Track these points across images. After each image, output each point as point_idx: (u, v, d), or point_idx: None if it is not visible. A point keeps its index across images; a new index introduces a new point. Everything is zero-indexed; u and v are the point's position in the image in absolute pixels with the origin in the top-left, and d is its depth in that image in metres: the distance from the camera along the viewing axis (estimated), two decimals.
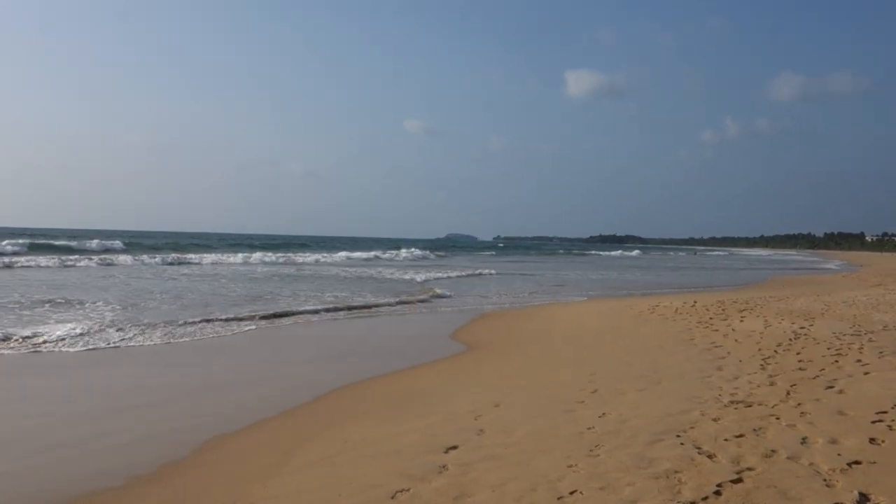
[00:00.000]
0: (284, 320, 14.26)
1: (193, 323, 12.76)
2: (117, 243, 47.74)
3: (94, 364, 9.28)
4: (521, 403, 6.97)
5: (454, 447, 5.38)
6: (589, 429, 5.86)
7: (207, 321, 13.04)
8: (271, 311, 15.15)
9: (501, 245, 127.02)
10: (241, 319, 13.69)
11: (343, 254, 52.11)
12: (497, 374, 9.11)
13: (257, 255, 43.56)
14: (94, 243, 44.71)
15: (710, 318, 14.27)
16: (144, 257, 36.59)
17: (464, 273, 33.62)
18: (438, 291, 22.11)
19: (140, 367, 9.36)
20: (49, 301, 15.04)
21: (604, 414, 6.40)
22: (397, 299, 19.39)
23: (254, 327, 12.98)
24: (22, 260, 30.15)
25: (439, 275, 31.59)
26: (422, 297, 20.55)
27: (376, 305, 17.97)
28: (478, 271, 35.76)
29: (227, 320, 13.43)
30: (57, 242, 45.02)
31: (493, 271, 36.53)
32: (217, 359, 10.20)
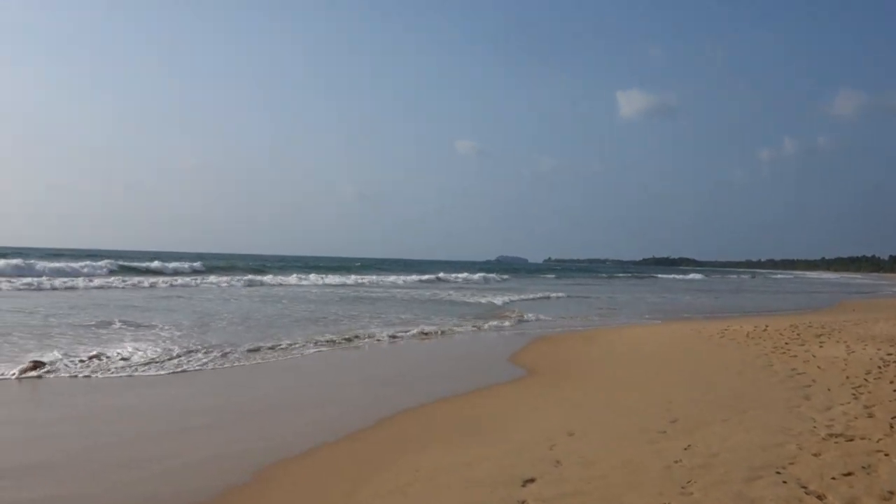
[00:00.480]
0: (349, 342, 14.06)
1: (257, 345, 12.61)
2: (198, 264, 48.47)
3: (157, 385, 9.18)
4: (598, 432, 6.55)
5: (531, 480, 5.00)
6: (676, 462, 5.42)
7: (271, 344, 12.89)
8: (333, 333, 15.02)
9: (558, 268, 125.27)
10: (306, 343, 13.54)
11: (402, 276, 51.68)
12: (567, 399, 8.68)
13: (316, 277, 43.58)
14: (173, 265, 45.52)
15: (786, 343, 13.56)
16: (212, 278, 37.23)
17: (536, 296, 33.48)
18: (522, 313, 22.07)
19: (202, 388, 9.23)
20: (123, 321, 15.11)
21: (689, 446, 5.94)
22: (493, 323, 19.16)
23: (317, 350, 12.80)
24: (99, 281, 30.79)
25: (516, 297, 31.65)
26: (508, 319, 20.38)
27: (476, 329, 17.79)
28: (546, 294, 35.42)
29: (289, 344, 13.28)
30: (137, 264, 45.72)
31: (560, 294, 36.22)
32: (279, 381, 10.03)
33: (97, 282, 30.70)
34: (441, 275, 54.21)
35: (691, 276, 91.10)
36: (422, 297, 30.32)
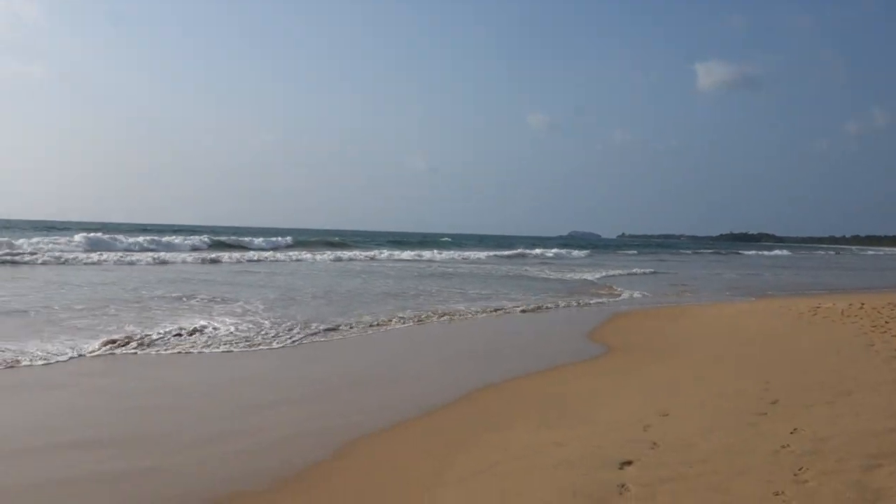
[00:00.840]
0: (430, 318, 14.01)
1: (339, 320, 12.67)
2: (288, 240, 49.29)
3: (242, 360, 9.31)
4: (693, 414, 6.24)
5: (628, 462, 4.76)
6: (784, 447, 5.07)
7: (353, 320, 12.90)
8: (414, 309, 15.05)
9: (636, 243, 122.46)
10: (387, 319, 13.56)
11: (483, 252, 51.24)
12: (656, 378, 8.35)
13: (396, 253, 43.72)
14: (260, 241, 46.41)
15: (886, 322, 12.75)
16: (304, 254, 37.58)
17: (623, 272, 33.01)
18: (617, 288, 22.07)
19: (284, 363, 9.30)
20: (210, 296, 15.42)
21: (795, 429, 5.56)
22: (590, 300, 18.94)
23: (397, 325, 12.78)
24: (187, 256, 31.59)
25: (606, 273, 31.43)
26: (605, 296, 20.20)
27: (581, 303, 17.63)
28: (633, 270, 34.84)
29: (370, 320, 13.32)
30: (225, 239, 46.80)
31: (648, 270, 35.61)
32: (360, 356, 10.03)
33: (185, 256, 31.60)
34: (522, 250, 53.78)
35: (775, 252, 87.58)
36: (508, 272, 30.20)
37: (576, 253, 56.67)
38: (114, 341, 9.39)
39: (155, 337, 9.98)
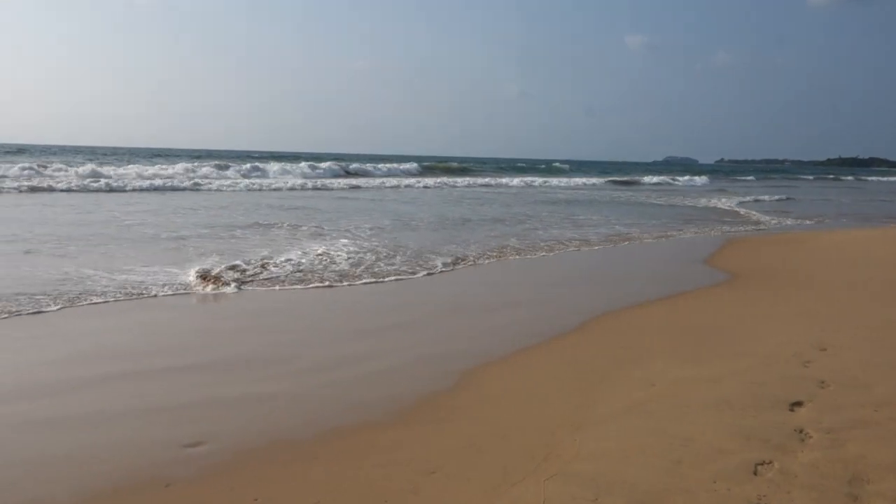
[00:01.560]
0: (544, 246, 13.49)
1: (454, 248, 12.22)
2: (415, 166, 49.63)
3: (355, 287, 9.04)
4: (858, 348, 5.51)
5: (798, 403, 4.16)
6: None
7: (468, 249, 12.40)
8: (527, 237, 14.60)
9: (741, 170, 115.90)
10: (500, 247, 13.11)
11: (591, 178, 49.93)
12: (798, 307, 7.57)
13: (501, 179, 42.98)
14: (386, 168, 46.64)
15: None
16: (423, 181, 37.74)
17: (747, 198, 31.60)
18: (753, 214, 21.46)
19: (398, 291, 8.98)
20: (323, 223, 15.29)
21: None
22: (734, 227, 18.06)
23: (509, 255, 12.30)
24: (304, 182, 32.16)
25: (740, 199, 30.41)
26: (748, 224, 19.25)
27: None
28: (760, 197, 33.17)
29: (485, 247, 12.90)
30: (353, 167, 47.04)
31: (775, 197, 34.00)
32: (474, 284, 9.59)
33: (302, 182, 32.22)
34: (632, 177, 52.13)
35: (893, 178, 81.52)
36: (629, 199, 29.31)
37: (698, 179, 54.29)
38: (234, 267, 9.26)
39: (266, 263, 9.82)
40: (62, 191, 22.90)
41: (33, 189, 22.59)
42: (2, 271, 8.65)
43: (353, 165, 46.27)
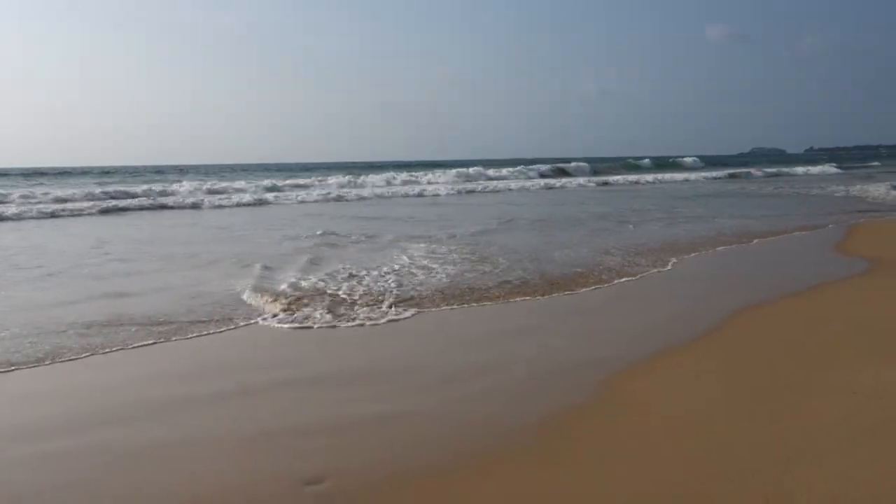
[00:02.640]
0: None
1: (569, 251, 11.20)
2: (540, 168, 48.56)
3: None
4: None
5: None
6: None
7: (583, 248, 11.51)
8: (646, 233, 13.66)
9: (829, 157, 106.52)
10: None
11: (698, 173, 47.84)
12: None
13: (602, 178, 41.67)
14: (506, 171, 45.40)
15: None
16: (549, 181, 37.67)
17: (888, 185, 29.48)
18: None
19: (520, 302, 8.26)
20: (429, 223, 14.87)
21: None
22: None
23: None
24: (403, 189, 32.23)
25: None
26: None
27: None
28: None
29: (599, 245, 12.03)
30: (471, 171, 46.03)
31: None
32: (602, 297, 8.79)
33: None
34: (746, 170, 49.73)
35: None
36: (771, 192, 27.76)
37: (829, 169, 51.57)
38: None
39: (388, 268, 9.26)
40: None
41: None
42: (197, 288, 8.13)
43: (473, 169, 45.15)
